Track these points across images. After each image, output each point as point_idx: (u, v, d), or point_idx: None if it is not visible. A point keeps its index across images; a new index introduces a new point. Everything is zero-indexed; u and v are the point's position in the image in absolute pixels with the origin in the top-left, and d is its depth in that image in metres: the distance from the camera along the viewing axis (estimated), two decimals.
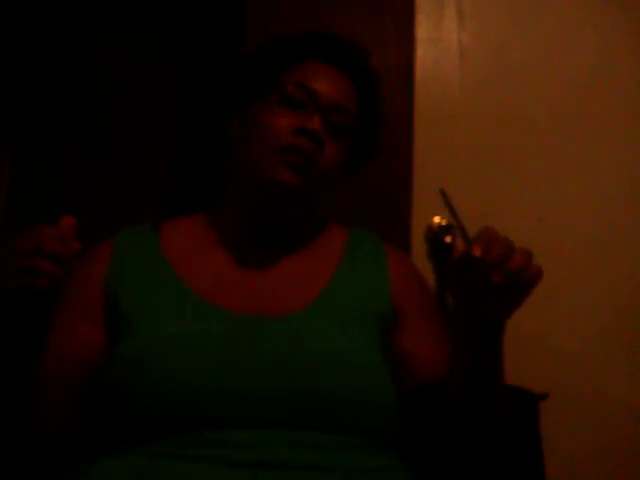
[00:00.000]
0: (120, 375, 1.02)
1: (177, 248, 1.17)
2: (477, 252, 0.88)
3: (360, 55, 1.23)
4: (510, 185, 1.61)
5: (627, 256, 1.60)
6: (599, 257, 1.59)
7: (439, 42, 1.65)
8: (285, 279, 1.15)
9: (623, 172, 1.63)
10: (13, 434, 1.01)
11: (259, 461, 0.94)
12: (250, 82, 1.20)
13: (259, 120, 1.14)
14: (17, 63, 1.58)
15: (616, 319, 1.57)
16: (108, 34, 1.61)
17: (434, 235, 1.57)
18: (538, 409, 1.40)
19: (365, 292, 1.15)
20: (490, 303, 0.93)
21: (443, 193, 0.93)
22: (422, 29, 1.64)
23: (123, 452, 0.98)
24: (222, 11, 1.67)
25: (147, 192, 1.55)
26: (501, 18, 1.67)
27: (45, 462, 1.04)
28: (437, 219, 1.58)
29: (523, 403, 1.39)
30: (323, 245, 1.21)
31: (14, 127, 1.57)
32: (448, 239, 1.56)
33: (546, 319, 1.56)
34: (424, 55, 1.63)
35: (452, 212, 0.94)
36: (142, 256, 1.16)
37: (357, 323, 1.11)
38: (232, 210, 1.19)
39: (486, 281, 0.89)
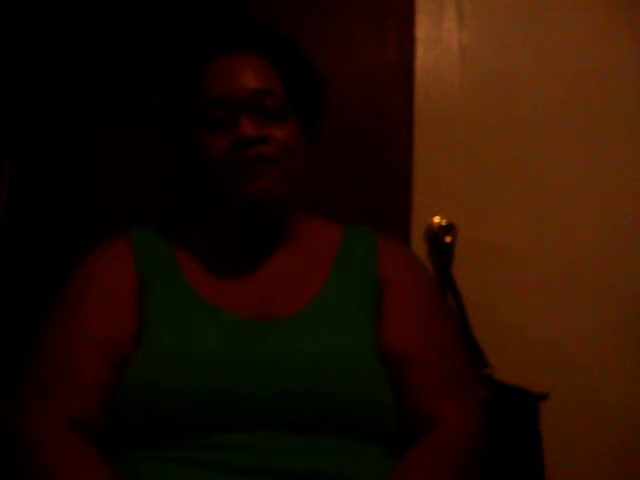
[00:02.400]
0: (132, 380, 1.02)
1: (185, 252, 1.17)
2: None
3: (259, 27, 1.18)
4: (510, 185, 1.62)
5: (627, 256, 1.60)
6: (599, 257, 1.59)
7: (439, 42, 1.65)
8: (282, 282, 1.14)
9: (623, 172, 1.63)
10: None
11: (264, 467, 0.95)
12: (174, 106, 1.18)
13: (198, 143, 1.12)
14: (17, 63, 1.58)
15: (616, 319, 1.57)
16: (108, 35, 1.62)
17: (434, 235, 1.58)
18: (538, 409, 1.40)
19: (359, 288, 1.14)
20: None
21: None
22: (422, 29, 1.64)
23: (130, 454, 0.99)
24: (222, 11, 1.67)
25: (148, 193, 1.55)
26: (501, 18, 1.67)
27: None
28: (437, 219, 1.58)
29: (523, 403, 1.40)
30: (318, 244, 1.20)
31: (14, 127, 1.57)
32: (448, 239, 1.57)
33: (546, 319, 1.56)
34: (424, 55, 1.63)
35: None
36: (157, 257, 1.16)
37: (355, 321, 1.10)
38: (218, 220, 1.19)
39: None
